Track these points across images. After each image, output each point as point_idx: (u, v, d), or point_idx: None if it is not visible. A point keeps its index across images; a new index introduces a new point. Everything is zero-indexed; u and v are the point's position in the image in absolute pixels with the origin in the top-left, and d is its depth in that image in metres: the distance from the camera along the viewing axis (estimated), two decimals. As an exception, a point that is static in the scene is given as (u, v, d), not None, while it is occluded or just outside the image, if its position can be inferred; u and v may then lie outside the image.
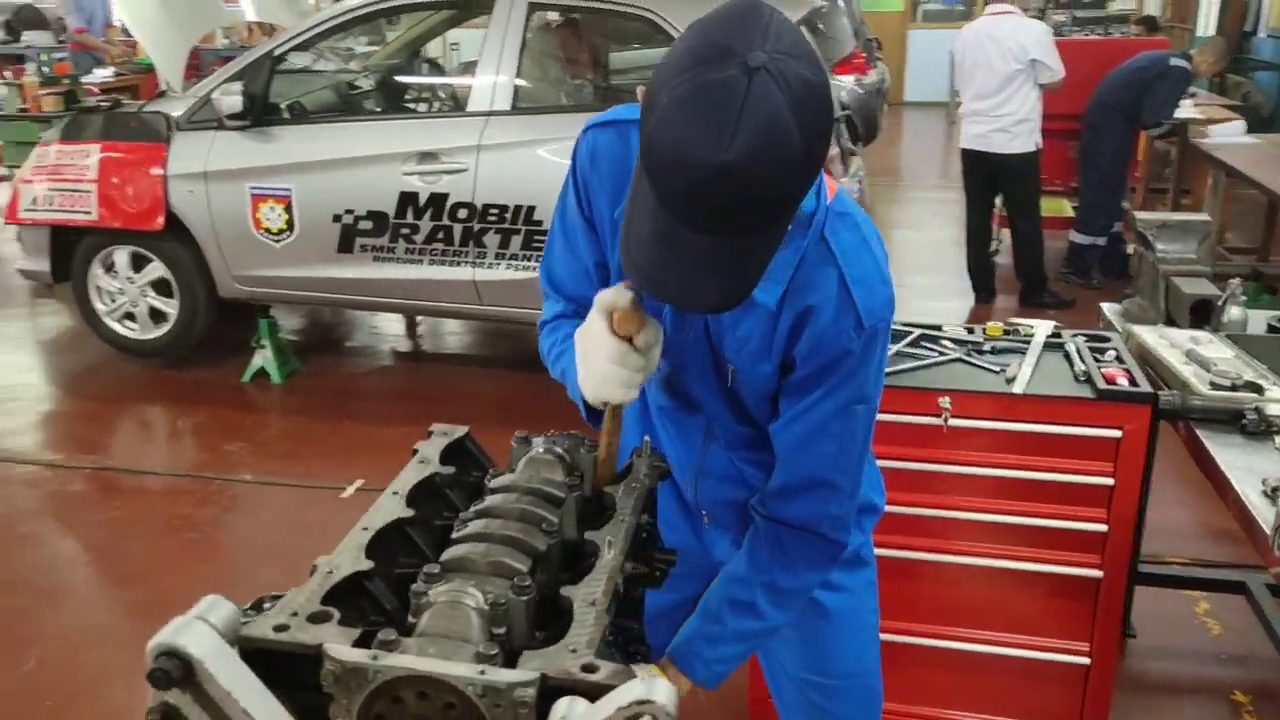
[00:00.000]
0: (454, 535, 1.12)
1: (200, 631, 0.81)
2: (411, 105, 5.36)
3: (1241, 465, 1.85)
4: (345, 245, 4.37)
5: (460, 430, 1.37)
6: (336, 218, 4.33)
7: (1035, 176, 5.52)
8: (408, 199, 4.24)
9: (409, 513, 1.17)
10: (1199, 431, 1.99)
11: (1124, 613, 2.58)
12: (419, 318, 5.56)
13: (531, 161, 4.14)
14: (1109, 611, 2.15)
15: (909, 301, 5.99)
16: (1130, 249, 6.41)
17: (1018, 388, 2.10)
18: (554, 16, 4.84)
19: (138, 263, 4.69)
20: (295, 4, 5.89)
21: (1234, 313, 2.45)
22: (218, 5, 5.02)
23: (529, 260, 4.21)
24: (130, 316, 4.79)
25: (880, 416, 1.89)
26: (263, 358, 4.71)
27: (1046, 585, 2.17)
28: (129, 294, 4.73)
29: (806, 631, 1.51)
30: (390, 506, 1.18)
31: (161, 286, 4.69)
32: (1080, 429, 2.06)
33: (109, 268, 4.72)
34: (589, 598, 1.03)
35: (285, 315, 5.54)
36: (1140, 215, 2.68)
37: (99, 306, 4.79)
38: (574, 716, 0.82)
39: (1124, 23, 9.41)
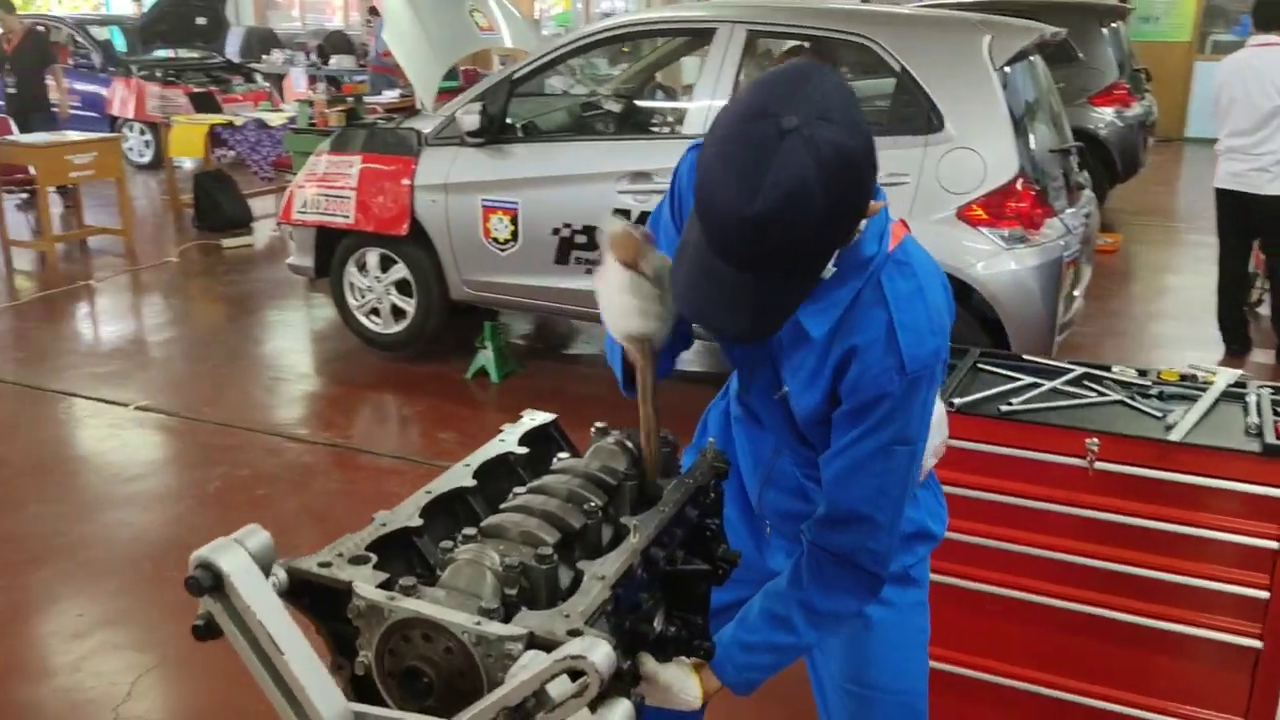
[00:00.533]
0: (501, 506, 1.24)
1: (233, 551, 0.96)
2: (637, 127, 5.61)
3: None
4: (562, 257, 4.64)
5: (547, 417, 1.49)
6: (555, 230, 4.61)
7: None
8: (620, 216, 4.44)
9: (471, 483, 1.30)
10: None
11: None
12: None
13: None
14: (1268, 686, 1.96)
15: (1149, 350, 5.60)
16: None
17: (1175, 435, 1.97)
18: (784, 44, 4.93)
19: (385, 264, 5.18)
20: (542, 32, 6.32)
21: None
22: (474, 33, 5.47)
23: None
24: (375, 312, 5.30)
25: (1021, 453, 1.87)
26: (484, 358, 5.07)
27: (1198, 651, 2.01)
28: (375, 291, 5.23)
29: (849, 639, 1.53)
30: (456, 475, 1.32)
31: (403, 286, 5.16)
32: (1242, 485, 1.91)
33: (361, 267, 5.24)
34: (599, 573, 1.12)
35: (514, 320, 5.94)
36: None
37: (351, 301, 5.34)
38: (524, 661, 0.91)
39: None
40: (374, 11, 11.53)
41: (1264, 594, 1.92)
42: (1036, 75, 4.49)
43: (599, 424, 1.42)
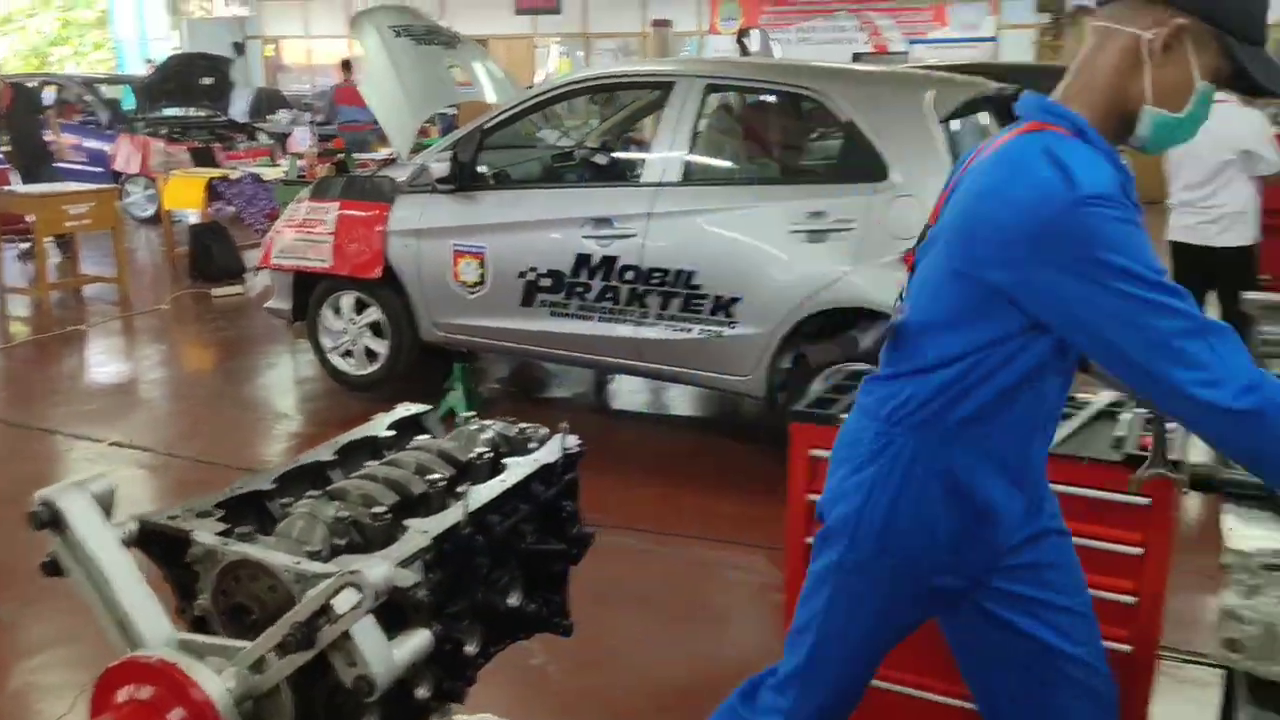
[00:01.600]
0: (351, 474, 1.36)
1: (74, 493, 1.08)
2: (600, 176, 5.78)
3: (1248, 535, 1.74)
4: (527, 299, 4.79)
5: (419, 408, 1.62)
6: (521, 274, 4.77)
7: (1248, 271, 5.14)
8: (583, 260, 4.61)
9: (331, 457, 1.42)
10: (1225, 504, 1.89)
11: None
12: (609, 376, 5.93)
13: (696, 230, 4.40)
14: (1139, 688, 2.04)
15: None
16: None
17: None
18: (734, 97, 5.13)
19: (359, 307, 5.34)
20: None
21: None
22: (450, 88, 5.71)
23: (687, 322, 4.45)
24: (349, 354, 5.44)
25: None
26: (454, 398, 5.18)
27: (1072, 656, 2.09)
28: (350, 333, 5.38)
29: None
30: (320, 452, 1.44)
31: (376, 329, 5.31)
32: (1107, 494, 2.01)
33: (336, 310, 5.40)
34: (422, 528, 1.23)
35: (490, 364, 6.08)
36: (1248, 295, 2.55)
37: (325, 343, 5.49)
38: (319, 586, 1.03)
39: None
40: (347, 66, 11.92)
41: (1131, 599, 2.01)
42: (985, 131, 4.66)
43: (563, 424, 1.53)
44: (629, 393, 5.88)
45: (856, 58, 14.21)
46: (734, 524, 3.96)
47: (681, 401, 5.67)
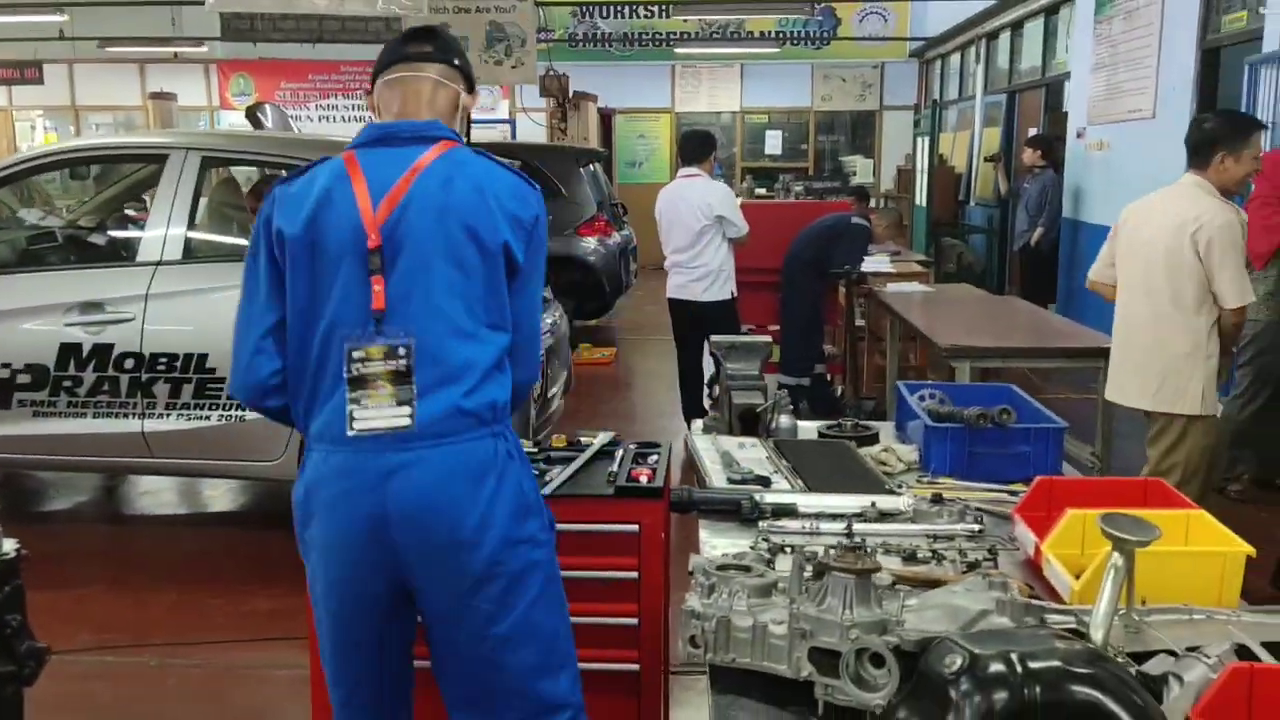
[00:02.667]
0: None
1: None
2: (88, 257, 5.24)
3: (722, 543, 1.97)
4: (2, 401, 4.17)
5: None
6: (-8, 371, 4.15)
7: (733, 321, 5.89)
8: (69, 350, 4.12)
9: None
10: (701, 521, 2.13)
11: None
12: (119, 479, 5.32)
13: (204, 310, 4.12)
14: (651, 703, 2.21)
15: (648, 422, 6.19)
16: (839, 388, 6.93)
17: (547, 490, 2.20)
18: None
19: None
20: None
21: (784, 421, 2.67)
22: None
23: (203, 409, 4.14)
24: None
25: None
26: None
27: (590, 684, 2.21)
28: None
29: None
30: None
31: None
32: (604, 525, 2.17)
33: None
34: None
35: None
36: (715, 338, 2.92)
37: None
38: None
39: (839, 193, 10.37)
40: None
41: (634, 620, 2.18)
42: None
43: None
44: (146, 494, 5.32)
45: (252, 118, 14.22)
46: (269, 620, 3.71)
47: (211, 496, 5.24)
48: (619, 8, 13.77)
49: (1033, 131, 10.41)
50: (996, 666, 1.15)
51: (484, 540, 1.83)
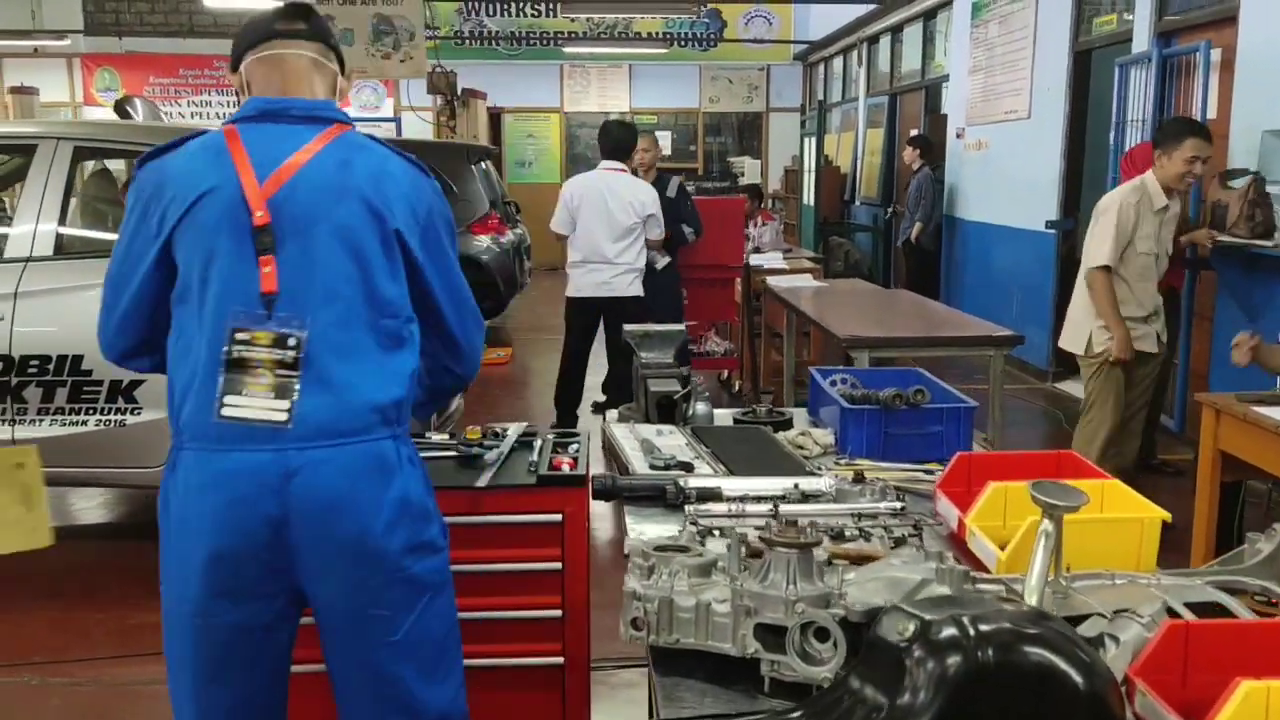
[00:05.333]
0: None
1: None
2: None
3: (650, 531, 1.95)
4: None
5: None
6: None
7: (647, 315, 5.82)
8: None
9: None
10: (626, 508, 2.10)
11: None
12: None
13: (78, 308, 3.88)
14: (576, 696, 2.17)
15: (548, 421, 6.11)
16: (737, 383, 7.00)
17: (481, 482, 2.13)
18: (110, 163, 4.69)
19: None
20: None
21: (700, 408, 2.65)
22: None
23: (78, 414, 3.90)
24: None
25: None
26: None
27: (514, 681, 2.16)
28: None
29: None
30: None
31: None
32: (528, 516, 2.12)
33: None
34: None
35: None
36: (628, 328, 2.89)
37: None
38: None
39: (731, 191, 10.49)
40: None
41: (558, 612, 2.14)
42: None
43: None
44: None
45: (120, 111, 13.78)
46: (155, 634, 3.51)
47: (87, 507, 4.95)
48: (505, 5, 13.66)
49: (914, 132, 10.74)
50: (949, 630, 1.15)
51: (389, 545, 1.74)
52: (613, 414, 2.91)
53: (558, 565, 2.12)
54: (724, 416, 2.75)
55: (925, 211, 9.18)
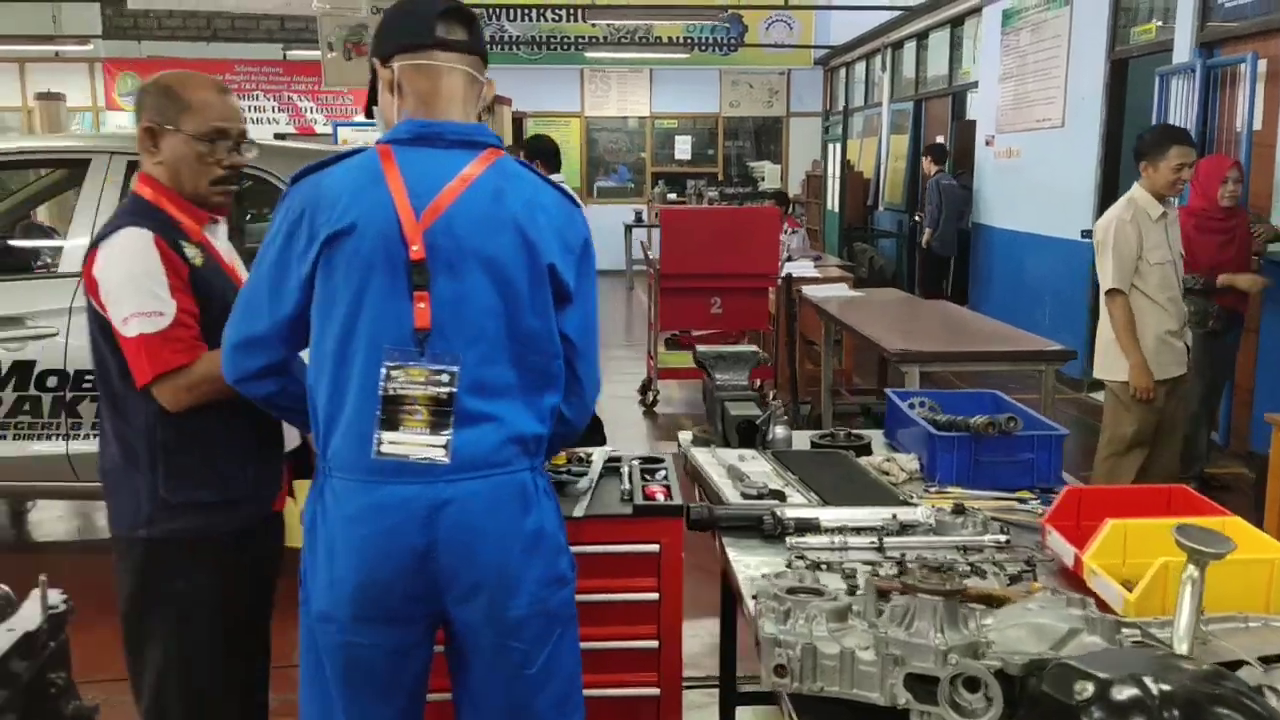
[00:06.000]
0: None
1: None
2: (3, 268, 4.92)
3: (754, 563, 1.93)
4: (-90, 426, 3.86)
5: None
6: (-106, 396, 3.83)
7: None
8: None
9: None
10: (724, 539, 2.08)
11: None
12: (28, 504, 4.99)
13: (133, 323, 3.88)
14: (670, 728, 2.15)
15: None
16: (773, 393, 6.97)
17: (579, 511, 2.11)
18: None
19: None
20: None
21: (779, 432, 2.63)
22: None
23: (133, 428, 3.89)
24: None
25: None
26: None
27: (611, 712, 2.14)
28: None
29: None
30: None
31: None
32: (624, 546, 2.10)
33: None
34: None
35: None
36: (701, 349, 2.87)
37: None
38: None
39: (753, 198, 10.50)
40: None
41: (654, 643, 2.12)
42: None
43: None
44: (52, 519, 5.00)
45: (280, 138, 13.90)
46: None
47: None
48: (525, 11, 13.66)
49: (939, 139, 10.71)
50: (1130, 692, 1.12)
51: (526, 577, 1.74)
52: (686, 435, 2.89)
53: (654, 596, 2.10)
54: (801, 440, 2.72)
55: (933, 217, 9.25)
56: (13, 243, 4.79)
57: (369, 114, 1.95)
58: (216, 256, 2.10)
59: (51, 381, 3.85)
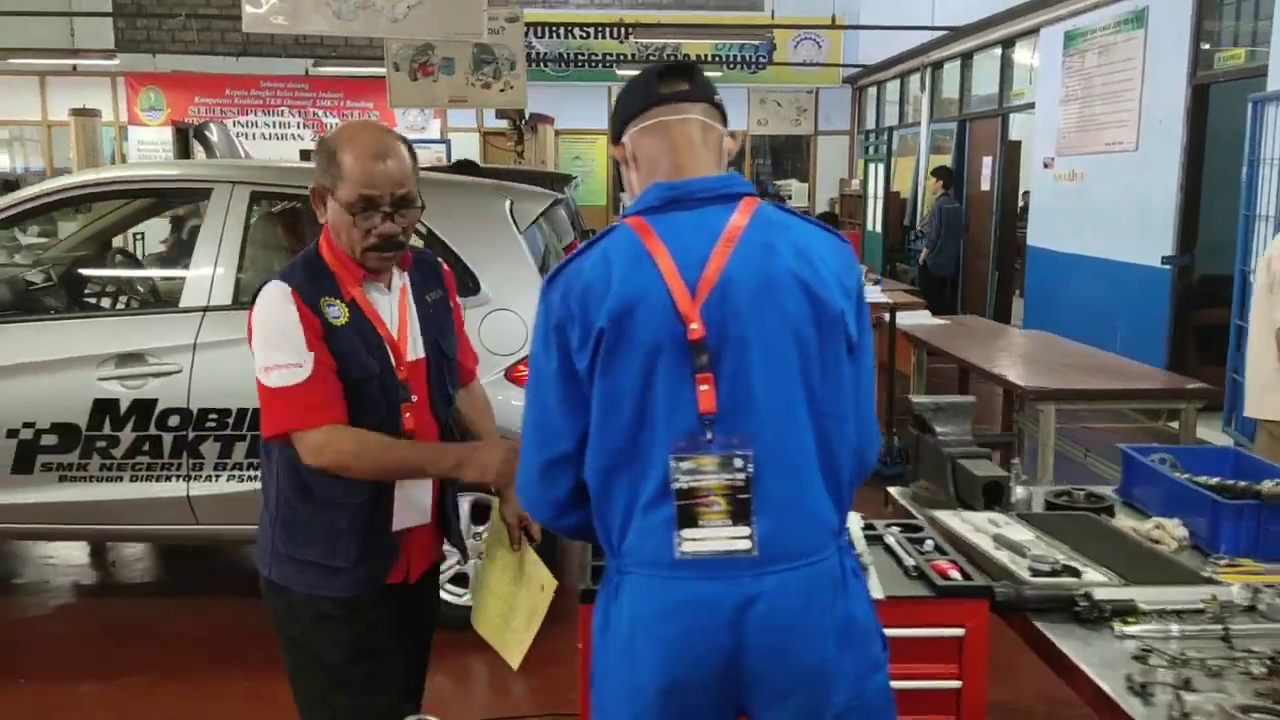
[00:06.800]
0: None
1: None
2: (106, 301, 4.76)
3: (1096, 660, 1.77)
4: (23, 464, 3.66)
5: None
6: (12, 433, 3.64)
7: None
8: (104, 407, 3.64)
9: None
10: (1039, 624, 1.92)
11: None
12: (109, 546, 4.79)
13: (258, 360, 3.70)
14: (968, 828, 1.98)
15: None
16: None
17: (878, 594, 1.94)
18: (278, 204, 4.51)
19: None
20: None
21: (1019, 493, 2.48)
22: None
23: (257, 470, 3.71)
24: None
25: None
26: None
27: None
28: None
29: None
30: None
31: None
32: (924, 630, 1.94)
33: None
34: None
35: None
36: (916, 399, 2.72)
37: None
38: None
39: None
40: None
41: (953, 735, 1.96)
42: (545, 235, 4.61)
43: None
44: (137, 561, 4.80)
45: (305, 155, 13.73)
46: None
47: (207, 567, 4.74)
48: (555, 28, 13.54)
49: (986, 160, 10.62)
50: None
51: (843, 669, 1.58)
52: (903, 491, 2.72)
53: (956, 684, 1.94)
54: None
55: (931, 238, 9.31)
56: (132, 273, 4.60)
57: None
58: (372, 316, 2.03)
59: (174, 421, 3.67)
